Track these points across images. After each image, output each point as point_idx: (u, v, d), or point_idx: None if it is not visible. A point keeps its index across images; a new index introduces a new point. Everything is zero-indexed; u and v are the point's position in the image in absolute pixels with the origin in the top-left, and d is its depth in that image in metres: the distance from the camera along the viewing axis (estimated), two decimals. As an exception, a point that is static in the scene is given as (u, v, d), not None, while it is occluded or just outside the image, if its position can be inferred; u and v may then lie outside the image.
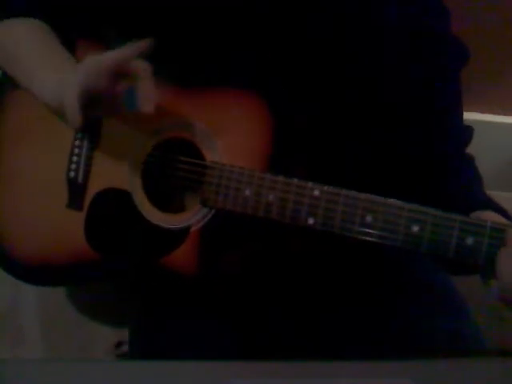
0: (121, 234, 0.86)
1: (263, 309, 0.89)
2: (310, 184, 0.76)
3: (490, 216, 0.78)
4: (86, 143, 0.88)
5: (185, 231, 0.82)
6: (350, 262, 0.91)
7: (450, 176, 0.88)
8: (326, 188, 0.75)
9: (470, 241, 0.70)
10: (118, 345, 1.11)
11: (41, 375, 0.69)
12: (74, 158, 0.88)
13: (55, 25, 0.89)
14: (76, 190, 0.88)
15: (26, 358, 1.13)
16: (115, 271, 0.88)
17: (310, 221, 0.76)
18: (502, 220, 0.77)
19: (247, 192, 0.78)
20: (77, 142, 0.88)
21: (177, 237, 0.82)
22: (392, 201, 0.74)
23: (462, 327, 0.90)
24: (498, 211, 0.80)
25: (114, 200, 0.86)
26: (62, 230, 0.88)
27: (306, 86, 0.84)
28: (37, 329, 1.18)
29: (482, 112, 1.49)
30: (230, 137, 0.81)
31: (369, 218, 0.73)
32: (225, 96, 0.82)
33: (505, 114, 1.52)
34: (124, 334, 0.98)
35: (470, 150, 0.93)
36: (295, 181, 0.77)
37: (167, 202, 0.86)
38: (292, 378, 0.70)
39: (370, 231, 0.74)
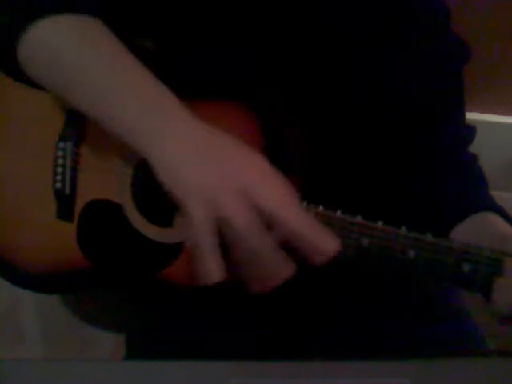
0: (114, 246, 0.85)
1: (262, 309, 0.89)
2: (304, 204, 0.74)
3: (492, 219, 0.78)
4: (69, 154, 0.85)
5: (179, 246, 0.81)
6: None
7: (452, 175, 0.88)
8: (320, 209, 0.74)
9: (466, 268, 0.70)
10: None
11: (41, 375, 0.69)
12: (59, 169, 0.86)
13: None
14: (64, 201, 0.86)
15: (26, 358, 1.13)
16: (109, 281, 0.88)
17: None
18: (504, 224, 0.78)
19: None
20: (59, 153, 0.86)
21: (171, 251, 0.81)
22: (388, 226, 0.73)
23: (462, 327, 0.90)
24: (499, 213, 0.80)
25: (105, 211, 0.85)
26: (54, 239, 0.87)
27: (304, 87, 0.84)
28: (37, 329, 1.18)
29: (482, 112, 1.49)
30: None
31: (364, 242, 0.73)
32: (213, 109, 0.79)
33: (505, 114, 1.52)
34: (124, 334, 0.98)
35: (471, 150, 0.93)
36: None
37: (159, 215, 0.84)
38: (292, 378, 0.70)
39: (365, 256, 0.73)
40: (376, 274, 0.91)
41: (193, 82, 0.82)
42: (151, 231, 0.82)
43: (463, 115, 0.91)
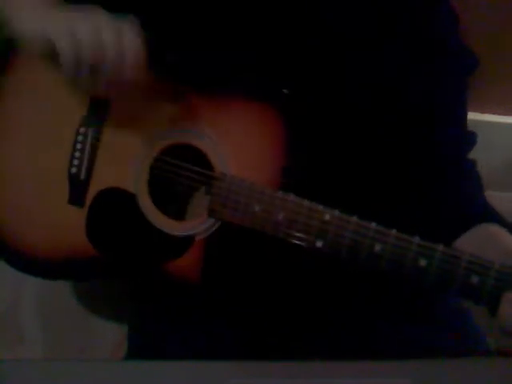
0: (123, 235, 0.86)
1: (261, 309, 0.89)
2: (321, 207, 0.76)
3: (495, 232, 0.78)
4: (89, 139, 0.86)
5: (190, 239, 0.81)
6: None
7: (454, 181, 0.88)
8: (336, 213, 0.75)
9: (474, 280, 0.70)
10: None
11: (41, 375, 0.69)
12: (77, 154, 0.87)
13: None
14: (78, 187, 0.87)
15: (26, 358, 1.13)
16: (114, 270, 0.88)
17: (318, 244, 0.76)
18: (507, 237, 0.78)
19: (256, 208, 0.78)
20: (79, 138, 0.87)
21: (181, 244, 0.82)
22: (401, 234, 0.73)
23: (462, 327, 0.90)
24: (498, 222, 0.80)
25: (118, 200, 0.85)
26: (63, 224, 0.88)
27: (304, 87, 0.84)
28: (37, 329, 1.18)
29: (482, 112, 1.49)
30: (241, 148, 0.80)
31: (377, 248, 0.73)
32: (237, 105, 0.81)
33: (505, 114, 1.52)
34: (124, 334, 0.98)
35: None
36: (306, 202, 0.76)
37: (173, 207, 0.85)
38: (292, 378, 0.70)
39: (377, 261, 0.74)
40: (375, 277, 0.92)
41: (192, 81, 0.83)
42: (164, 223, 0.83)
43: (465, 119, 0.91)
